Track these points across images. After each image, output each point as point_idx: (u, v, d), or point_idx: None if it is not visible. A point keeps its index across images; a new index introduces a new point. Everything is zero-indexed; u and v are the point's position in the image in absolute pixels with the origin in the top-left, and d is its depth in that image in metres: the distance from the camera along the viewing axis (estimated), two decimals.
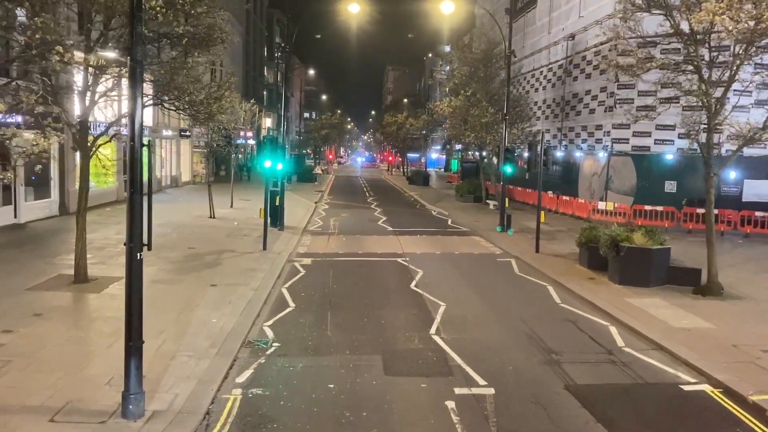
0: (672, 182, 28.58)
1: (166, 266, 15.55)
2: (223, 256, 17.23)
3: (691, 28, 13.22)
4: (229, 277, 14.66)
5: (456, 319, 11.72)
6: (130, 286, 7.17)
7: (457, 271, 16.52)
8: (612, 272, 14.77)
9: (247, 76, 65.57)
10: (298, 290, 13.92)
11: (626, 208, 25.59)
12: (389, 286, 14.59)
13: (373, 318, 11.76)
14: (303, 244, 20.42)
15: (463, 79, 30.56)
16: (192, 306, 12.04)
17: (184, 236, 20.42)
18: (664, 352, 9.97)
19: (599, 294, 13.52)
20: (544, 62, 39.62)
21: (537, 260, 17.62)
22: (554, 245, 20.28)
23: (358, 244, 20.41)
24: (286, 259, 17.45)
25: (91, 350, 9.37)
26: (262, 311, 12.11)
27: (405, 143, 65.22)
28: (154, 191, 34.91)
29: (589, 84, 32.74)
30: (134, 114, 6.90)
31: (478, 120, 29.13)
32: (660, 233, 14.67)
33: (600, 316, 12.10)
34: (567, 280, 14.93)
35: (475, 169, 45.91)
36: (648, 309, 12.34)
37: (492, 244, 20.88)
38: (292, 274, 15.67)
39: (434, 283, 14.72)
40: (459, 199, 37.03)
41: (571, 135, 34.72)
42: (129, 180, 7.05)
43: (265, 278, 14.71)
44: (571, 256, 18.17)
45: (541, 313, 12.38)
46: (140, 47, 6.85)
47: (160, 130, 36.19)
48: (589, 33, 33.14)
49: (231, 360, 9.38)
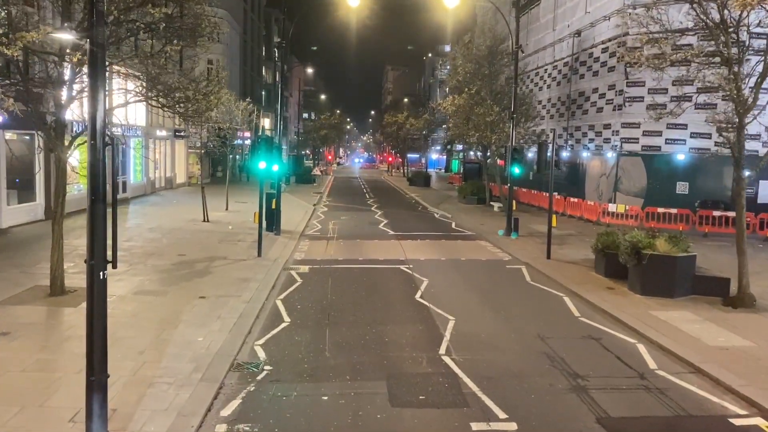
0: (684, 183, 27.54)
1: (152, 275, 14.46)
2: (214, 264, 16.14)
3: (722, 16, 12.15)
4: (220, 287, 13.58)
5: (467, 337, 10.63)
6: (92, 312, 6.07)
7: (464, 279, 15.43)
8: (633, 281, 13.69)
9: (245, 76, 64.51)
10: (294, 302, 12.84)
11: (638, 211, 24.51)
12: (393, 297, 13.51)
13: (375, 335, 10.69)
14: (300, 249, 19.34)
15: (467, 77, 29.45)
16: (177, 322, 10.95)
17: (174, 242, 19.34)
18: (703, 375, 8.90)
19: (621, 306, 12.44)
20: (549, 60, 38.57)
21: (549, 267, 16.54)
22: (566, 250, 19.21)
23: (358, 250, 19.34)
24: (282, 266, 16.38)
25: (57, 377, 8.28)
26: (254, 327, 11.03)
27: (405, 144, 64.10)
28: (147, 193, 33.69)
29: (596, 82, 31.67)
30: (95, 108, 5.81)
31: (482, 119, 28.05)
32: (684, 239, 13.58)
33: (625, 332, 11.02)
34: (584, 289, 13.85)
35: (478, 170, 44.85)
36: (677, 324, 11.26)
37: (500, 250, 19.80)
38: (288, 283, 14.58)
39: (441, 294, 13.64)
40: (462, 200, 35.95)
41: (577, 134, 33.65)
42: (89, 186, 5.95)
43: (259, 289, 13.63)
44: (585, 262, 17.10)
45: (560, 328, 11.30)
46: (102, 28, 5.75)
47: (153, 130, 35.11)
48: (596, 29, 32.11)
49: (217, 387, 8.30)
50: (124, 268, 15.04)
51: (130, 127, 31.12)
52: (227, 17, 52.98)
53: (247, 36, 66.04)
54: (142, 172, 33.68)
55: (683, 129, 27.33)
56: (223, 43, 53.61)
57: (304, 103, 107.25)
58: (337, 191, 45.45)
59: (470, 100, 28.86)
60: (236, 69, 59.15)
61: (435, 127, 60.76)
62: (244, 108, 28.31)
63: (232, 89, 51.94)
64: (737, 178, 12.87)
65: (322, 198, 38.21)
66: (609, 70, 30.35)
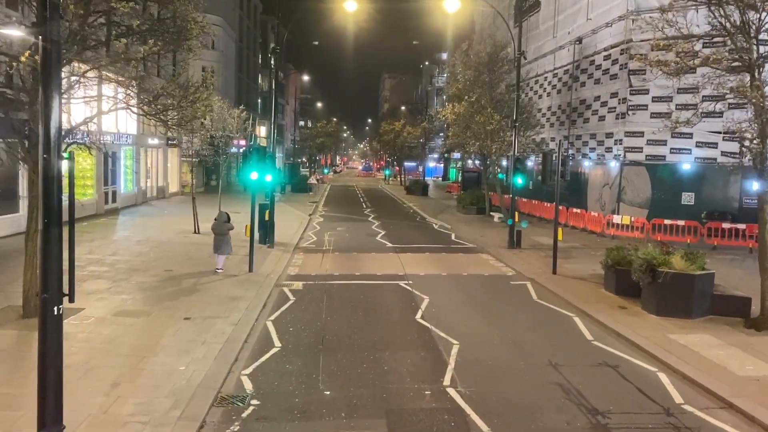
0: (689, 194, 26.79)
1: (136, 293, 13.59)
2: (203, 280, 15.26)
3: (744, 20, 11.41)
4: (207, 307, 12.71)
5: (473, 365, 9.78)
6: (45, 353, 5.21)
7: (467, 297, 14.59)
8: (646, 301, 12.87)
9: (241, 84, 63.78)
10: (286, 324, 11.97)
11: (644, 222, 23.72)
12: (392, 317, 12.65)
13: (373, 363, 9.83)
14: (294, 263, 18.48)
15: (467, 84, 28.71)
16: (158, 348, 10.08)
17: (162, 255, 18.47)
18: (736, 412, 8.06)
19: (636, 328, 11.61)
20: (549, 67, 37.90)
21: (556, 283, 15.71)
22: (571, 264, 18.40)
23: (355, 264, 18.49)
24: (275, 283, 15.52)
25: (19, 416, 7.38)
26: (242, 354, 10.16)
27: (402, 152, 63.42)
28: (138, 203, 32.80)
29: (598, 89, 30.99)
30: (48, 117, 4.97)
31: (482, 127, 27.29)
32: (702, 256, 12.77)
33: (643, 359, 10.18)
34: (595, 309, 13.02)
35: (477, 179, 44.11)
36: (699, 349, 10.44)
37: (503, 264, 18.97)
38: (280, 302, 13.72)
39: (443, 314, 12.80)
40: (461, 210, 35.14)
41: (578, 143, 32.94)
42: (42, 207, 5.10)
43: (249, 309, 12.76)
44: (593, 278, 16.28)
45: (573, 354, 10.46)
46: (56, 23, 4.92)
47: (145, 138, 34.28)
48: (597, 36, 31.46)
49: (197, 428, 7.44)
50: (107, 285, 14.18)
51: (120, 135, 30.34)
52: (222, 23, 52.32)
53: (243, 43, 65.37)
54: (132, 181, 32.81)
55: (688, 138, 26.60)
56: (217, 50, 52.94)
57: (300, 111, 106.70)
58: (333, 200, 44.61)
59: (470, 108, 28.10)
60: (231, 76, 58.43)
61: (433, 135, 60.07)
62: (237, 115, 27.51)
63: (227, 97, 51.28)
64: (762, 192, 12.07)
65: (317, 207, 37.38)
66: (611, 78, 29.68)
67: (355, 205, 41.17)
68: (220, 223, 16.79)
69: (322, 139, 65.97)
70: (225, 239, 16.46)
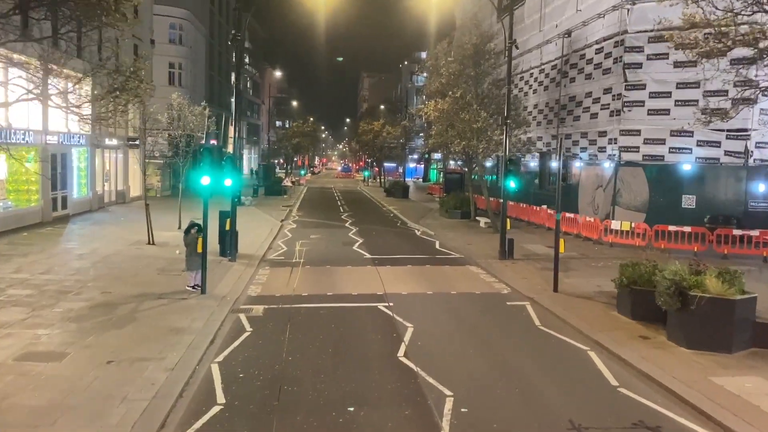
0: (690, 196, 24.91)
1: (56, 326, 11.09)
2: (144, 306, 12.80)
3: None
4: (140, 344, 10.28)
5: (475, 430, 7.51)
6: None
7: (458, 324, 12.33)
8: (674, 330, 10.74)
9: (212, 82, 60.93)
10: (236, 368, 9.59)
11: (645, 228, 21.70)
12: (368, 355, 10.34)
13: (343, 429, 7.51)
14: (257, 281, 16.08)
15: (451, 78, 26.48)
16: (61, 410, 7.66)
17: (104, 272, 15.94)
18: None
19: (669, 367, 9.46)
20: (535, 63, 35.91)
21: (559, 304, 13.53)
22: (572, 279, 16.26)
23: (328, 280, 16.16)
24: (231, 307, 13.12)
25: None
26: (172, 416, 7.78)
27: (382, 152, 61.15)
28: (93, 209, 29.91)
29: (589, 85, 29.02)
30: None
31: (468, 125, 25.10)
32: (740, 275, 10.68)
33: (689, 415, 8.00)
34: (612, 340, 10.85)
35: (460, 181, 41.99)
36: (754, 399, 8.30)
37: (494, 278, 16.77)
38: (233, 334, 11.33)
39: (431, 350, 10.53)
40: (444, 215, 32.94)
41: (567, 142, 30.94)
42: None
43: (193, 345, 10.36)
44: (600, 297, 14.15)
45: (598, 408, 8.24)
46: None
47: (101, 138, 31.50)
48: (588, 28, 29.50)
49: None
50: (22, 315, 11.66)
51: (71, 135, 27.60)
52: (189, 17, 49.59)
53: (215, 39, 62.49)
54: (87, 185, 30.02)
55: (689, 137, 24.74)
56: (185, 45, 50.16)
57: (277, 112, 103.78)
58: (309, 204, 42.14)
59: (454, 105, 25.89)
60: (201, 73, 55.60)
61: (413, 135, 57.90)
62: (200, 113, 25.02)
63: (196, 94, 48.58)
64: None
65: (291, 212, 34.89)
66: (604, 73, 27.72)
67: (332, 208, 38.76)
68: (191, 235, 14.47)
69: (298, 140, 63.38)
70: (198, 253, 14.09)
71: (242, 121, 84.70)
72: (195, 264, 14.30)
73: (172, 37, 49.09)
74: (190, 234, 14.48)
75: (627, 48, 25.95)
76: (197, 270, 14.26)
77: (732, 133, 23.77)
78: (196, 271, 14.30)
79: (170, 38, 48.88)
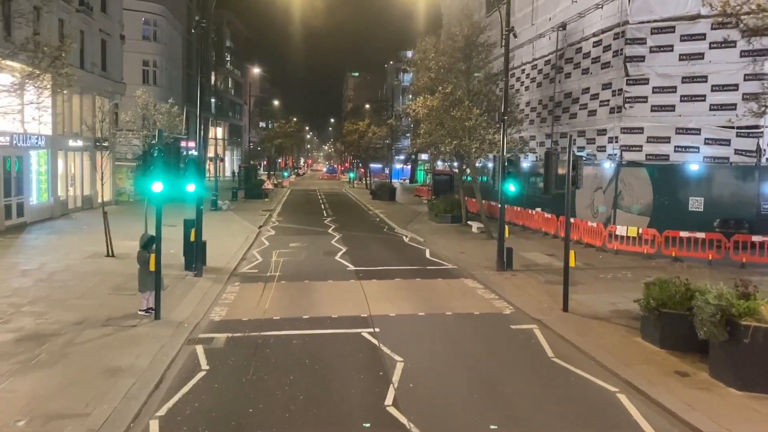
0: (698, 199, 23.15)
1: None
2: (82, 337, 10.72)
3: None
4: (64, 392, 8.24)
5: None
6: None
7: (457, 357, 10.39)
8: (720, 365, 8.89)
9: (190, 81, 58.55)
10: (182, 425, 7.58)
11: (655, 234, 19.91)
12: (348, 404, 8.36)
13: None
14: (224, 301, 14.04)
15: (440, 72, 24.55)
16: None
17: (46, 293, 13.82)
18: None
19: (725, 420, 7.58)
20: (527, 59, 34.07)
21: (572, 328, 11.65)
22: (581, 294, 14.40)
23: (305, 299, 14.17)
24: (187, 336, 11.10)
25: None
26: None
27: (367, 153, 59.17)
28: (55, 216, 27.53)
29: (587, 80, 27.23)
30: None
31: (460, 123, 23.19)
32: None
33: None
34: (644, 378, 8.96)
35: (449, 183, 40.13)
36: None
37: (494, 294, 14.86)
38: (185, 375, 9.30)
39: (427, 395, 8.58)
40: (434, 219, 31.02)
41: (563, 142, 29.15)
42: None
43: (130, 394, 8.33)
44: (617, 317, 12.32)
45: None
46: None
47: (65, 140, 29.25)
48: (585, 20, 27.70)
49: None
50: None
51: (29, 136, 25.35)
52: (165, 13, 47.31)
53: (193, 37, 60.10)
54: (48, 190, 27.74)
55: (696, 134, 23.05)
56: (160, 42, 47.89)
57: (261, 112, 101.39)
58: (290, 208, 40.06)
59: (444, 101, 23.96)
60: (178, 72, 53.32)
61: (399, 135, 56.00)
62: (166, 111, 22.90)
63: (173, 94, 46.26)
64: None
65: (271, 217, 32.81)
66: (603, 67, 25.94)
67: (315, 213, 36.71)
68: (141, 252, 12.48)
69: (280, 140, 61.17)
70: (150, 272, 12.05)
71: (225, 122, 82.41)
72: (148, 284, 12.26)
73: (146, 34, 46.82)
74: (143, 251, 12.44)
75: (628, 40, 24.19)
76: (151, 291, 12.22)
77: (743, 131, 22.10)
78: (150, 292, 12.27)
79: (144, 34, 46.63)
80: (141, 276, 12.42)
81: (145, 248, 12.41)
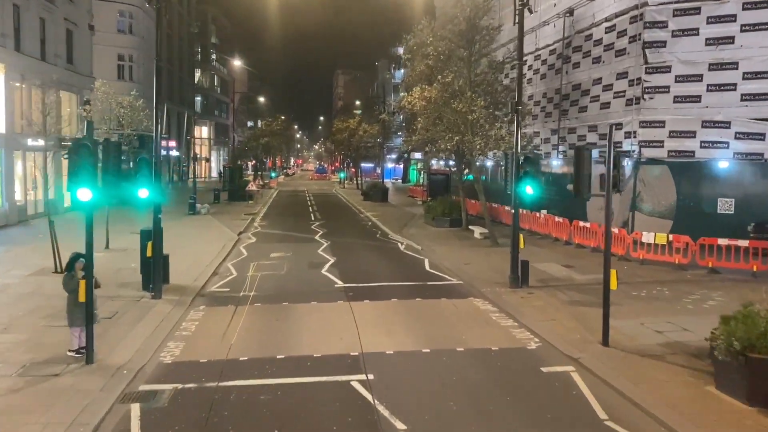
0: (728, 200, 20.70)
1: None
2: None
3: None
4: None
5: None
6: None
7: (478, 420, 7.80)
8: None
9: (171, 77, 55.71)
10: None
11: (688, 242, 17.40)
12: None
13: None
14: (181, 333, 11.39)
15: (439, 60, 21.94)
16: None
17: None
18: None
19: None
20: (530, 48, 31.56)
21: (620, 371, 9.10)
22: (617, 320, 11.74)
23: (282, 330, 11.55)
24: (123, 390, 8.46)
25: None
26: None
27: (358, 152, 56.54)
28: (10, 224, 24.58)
29: (598, 70, 24.72)
30: None
31: (461, 117, 20.61)
32: None
33: None
34: None
35: (446, 183, 37.59)
36: None
37: (512, 320, 12.29)
38: None
39: None
40: (431, 222, 28.44)
41: (571, 138, 26.75)
42: None
43: None
44: (672, 353, 9.81)
45: None
46: None
47: (22, 138, 26.43)
48: (596, 4, 25.21)
49: None
50: None
51: None
52: (141, 4, 44.39)
53: (173, 31, 57.23)
54: (2, 194, 24.94)
55: (725, 128, 20.60)
56: (136, 35, 44.99)
57: (249, 111, 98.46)
58: (276, 211, 37.36)
59: (443, 92, 21.36)
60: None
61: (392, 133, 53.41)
62: (129, 103, 20.26)
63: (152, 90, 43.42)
64: None
65: (254, 222, 30.12)
66: (618, 54, 23.45)
67: (302, 216, 34.02)
68: (68, 275, 9.93)
69: (267, 139, 58.39)
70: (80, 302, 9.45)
71: (209, 120, 79.52)
72: (79, 318, 9.63)
73: (121, 27, 43.94)
74: (70, 275, 9.83)
75: (647, 23, 21.70)
76: (82, 326, 9.59)
77: None
78: (81, 327, 9.64)
79: (119, 27, 43.75)
80: (69, 306, 9.81)
81: (72, 271, 9.79)
